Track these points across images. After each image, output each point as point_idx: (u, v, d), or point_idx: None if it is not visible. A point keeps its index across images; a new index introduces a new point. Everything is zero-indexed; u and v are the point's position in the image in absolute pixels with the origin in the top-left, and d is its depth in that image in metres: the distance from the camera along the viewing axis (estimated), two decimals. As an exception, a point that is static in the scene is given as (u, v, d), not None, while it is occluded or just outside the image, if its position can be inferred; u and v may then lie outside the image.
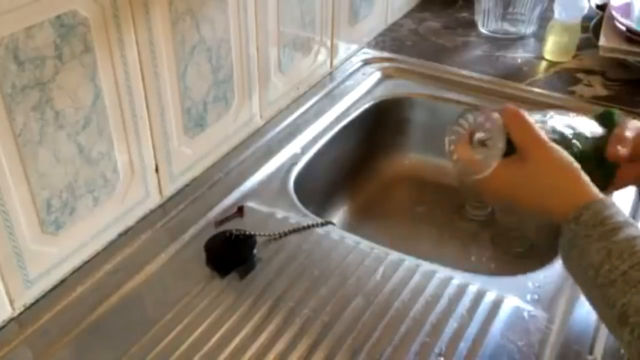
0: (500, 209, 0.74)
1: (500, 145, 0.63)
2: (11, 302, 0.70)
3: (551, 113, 0.69)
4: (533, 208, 0.65)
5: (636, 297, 0.52)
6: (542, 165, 0.63)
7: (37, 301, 0.72)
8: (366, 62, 1.25)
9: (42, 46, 0.64)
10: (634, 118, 1.07)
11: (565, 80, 1.18)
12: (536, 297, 0.74)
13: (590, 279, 0.56)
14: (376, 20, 1.33)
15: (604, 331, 0.69)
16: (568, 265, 0.60)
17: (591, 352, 0.67)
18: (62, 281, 0.75)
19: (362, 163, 1.16)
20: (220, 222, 0.84)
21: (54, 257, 0.73)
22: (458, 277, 0.76)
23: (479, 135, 0.65)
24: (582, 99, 1.11)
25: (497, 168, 0.63)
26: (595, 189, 0.61)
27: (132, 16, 0.74)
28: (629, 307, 0.52)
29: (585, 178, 0.62)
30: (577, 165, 0.62)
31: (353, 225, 1.10)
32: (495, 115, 0.65)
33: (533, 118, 0.65)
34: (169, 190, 0.88)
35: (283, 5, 0.99)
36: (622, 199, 0.90)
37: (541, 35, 1.28)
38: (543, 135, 0.64)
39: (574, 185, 0.61)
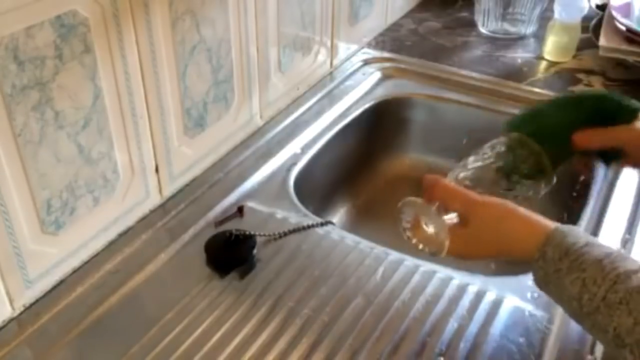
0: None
1: (440, 221, 0.65)
2: (11, 302, 0.70)
3: (469, 158, 0.70)
4: (502, 256, 0.66)
5: (623, 318, 0.53)
6: (482, 223, 0.64)
7: (37, 301, 0.72)
8: (366, 62, 1.25)
9: (42, 46, 0.64)
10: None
11: (565, 80, 1.18)
12: (536, 296, 0.74)
13: (576, 310, 0.57)
14: (376, 20, 1.33)
15: (604, 331, 0.69)
16: (551, 297, 0.61)
17: (591, 352, 0.67)
18: (62, 281, 0.75)
19: (362, 163, 1.16)
20: (220, 222, 0.84)
21: (54, 257, 0.73)
22: (458, 277, 0.76)
23: (422, 219, 0.67)
24: (582, 99, 1.11)
25: (451, 238, 0.64)
26: (544, 220, 0.62)
27: (132, 16, 0.74)
28: (620, 330, 0.53)
29: (528, 213, 0.63)
30: (512, 205, 0.63)
31: (353, 225, 1.10)
32: (419, 201, 0.66)
33: (452, 175, 0.68)
34: (169, 190, 0.88)
35: (283, 5, 0.99)
36: (622, 200, 0.90)
37: (541, 35, 1.28)
38: (468, 192, 0.65)
39: (523, 227, 0.62)
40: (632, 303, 0.52)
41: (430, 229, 0.67)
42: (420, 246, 0.67)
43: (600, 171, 0.96)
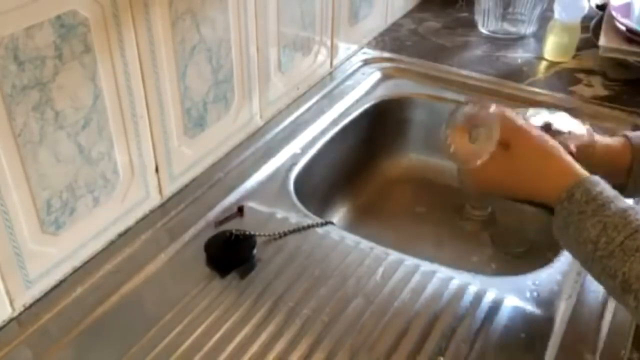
0: (495, 198, 0.78)
1: (495, 135, 0.66)
2: (11, 302, 0.70)
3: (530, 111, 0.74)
4: (524, 193, 0.68)
5: (635, 264, 0.55)
6: (526, 151, 0.66)
7: (37, 301, 0.72)
8: (366, 62, 1.25)
9: (42, 46, 0.64)
10: (634, 118, 1.07)
11: (565, 80, 1.18)
12: (536, 296, 0.74)
13: (589, 253, 0.58)
14: (376, 20, 1.33)
15: (604, 331, 0.69)
16: (565, 242, 0.63)
17: (591, 352, 0.67)
18: (62, 281, 0.75)
19: (362, 163, 1.16)
20: (220, 222, 0.84)
21: (54, 257, 0.73)
22: (458, 277, 0.76)
23: (475, 126, 0.68)
24: (582, 99, 1.11)
25: (486, 160, 0.67)
26: (580, 168, 0.64)
27: (132, 16, 0.74)
28: (630, 275, 0.55)
29: (569, 158, 0.65)
30: (559, 147, 0.66)
31: (353, 225, 1.10)
32: (492, 107, 0.68)
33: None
34: (169, 190, 0.88)
35: (283, 5, 0.99)
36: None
37: (541, 35, 1.28)
38: (524, 123, 0.67)
39: (559, 167, 0.64)
40: None
41: (476, 142, 0.68)
42: (452, 149, 0.68)
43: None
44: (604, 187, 0.61)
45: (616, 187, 0.62)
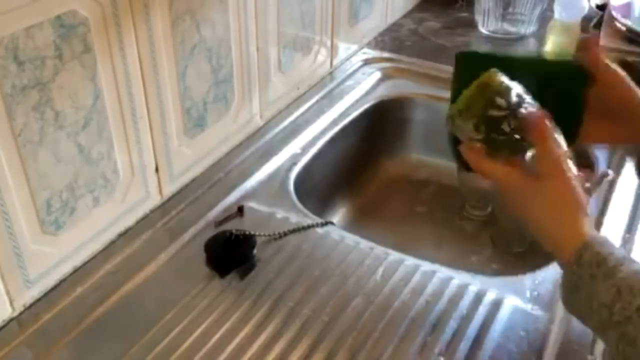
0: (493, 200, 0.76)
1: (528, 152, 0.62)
2: (11, 302, 0.70)
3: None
4: (534, 230, 0.63)
5: None
6: (553, 190, 0.61)
7: (37, 301, 0.72)
8: (366, 62, 1.25)
9: (42, 46, 0.64)
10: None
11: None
12: (536, 296, 0.74)
13: (604, 319, 0.55)
14: (376, 20, 1.33)
15: (604, 331, 0.69)
16: (575, 308, 0.59)
17: (591, 352, 0.67)
18: (62, 281, 0.75)
19: (362, 163, 1.16)
20: (220, 222, 0.84)
21: (54, 257, 0.73)
22: (458, 277, 0.76)
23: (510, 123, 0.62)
24: (582, 99, 1.11)
25: (516, 168, 0.62)
26: (591, 228, 0.60)
27: (132, 16, 0.74)
28: None
29: (585, 217, 0.60)
30: (584, 202, 0.61)
31: (353, 225, 1.09)
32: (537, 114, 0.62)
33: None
34: (169, 190, 0.88)
35: (283, 5, 0.99)
36: (622, 199, 0.90)
37: (541, 35, 1.28)
38: (564, 162, 0.61)
39: (574, 219, 0.60)
40: None
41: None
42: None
43: (601, 170, 0.96)
44: (612, 247, 0.57)
45: None
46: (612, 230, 0.84)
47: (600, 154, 0.99)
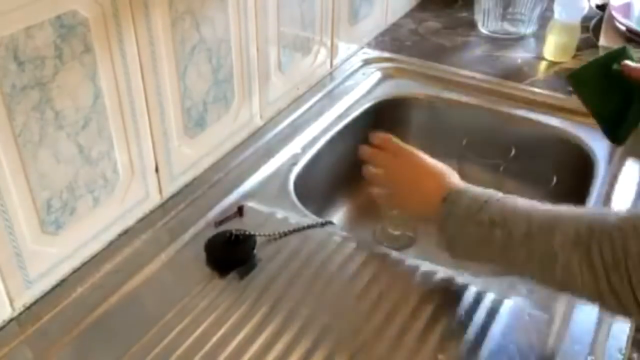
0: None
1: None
2: (11, 302, 0.70)
3: None
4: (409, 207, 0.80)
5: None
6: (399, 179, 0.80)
7: (37, 301, 0.72)
8: (366, 62, 1.25)
9: (42, 46, 0.64)
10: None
11: (565, 80, 1.17)
12: (536, 297, 0.74)
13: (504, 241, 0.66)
14: (376, 20, 1.33)
15: (604, 331, 0.69)
16: (464, 248, 0.71)
17: (591, 352, 0.67)
18: (62, 281, 0.75)
19: (362, 163, 1.16)
20: (220, 222, 0.84)
21: (54, 257, 0.73)
22: (458, 278, 0.76)
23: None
24: (582, 99, 1.11)
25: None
26: (456, 183, 0.73)
27: (132, 16, 0.74)
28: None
29: (447, 178, 0.74)
30: (442, 168, 0.76)
31: (353, 225, 1.09)
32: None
33: None
34: (169, 190, 0.88)
35: (283, 5, 0.99)
36: (623, 199, 0.90)
37: (541, 35, 1.28)
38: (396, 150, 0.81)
39: (435, 183, 0.74)
40: None
41: None
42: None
43: (601, 170, 0.96)
44: (474, 190, 0.70)
45: None
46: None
47: (601, 154, 0.99)
